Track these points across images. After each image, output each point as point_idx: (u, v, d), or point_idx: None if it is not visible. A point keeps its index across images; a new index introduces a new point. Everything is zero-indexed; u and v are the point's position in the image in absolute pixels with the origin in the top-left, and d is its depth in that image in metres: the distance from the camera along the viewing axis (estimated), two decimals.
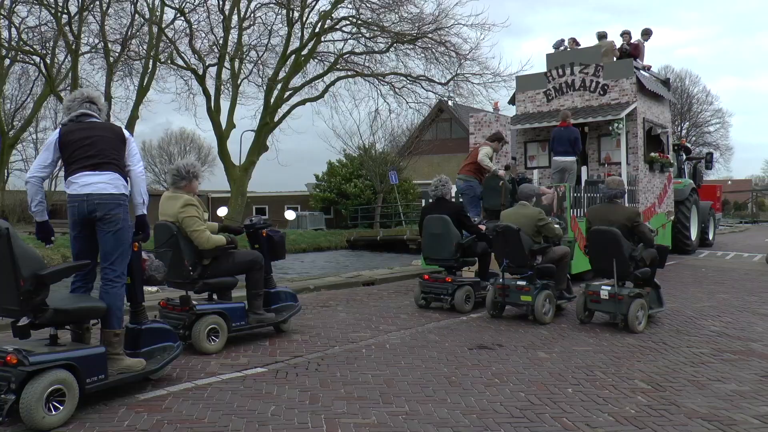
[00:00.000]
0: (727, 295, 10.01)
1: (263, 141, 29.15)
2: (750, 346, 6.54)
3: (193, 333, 5.94)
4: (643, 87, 14.23)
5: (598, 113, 13.73)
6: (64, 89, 28.98)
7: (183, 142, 70.89)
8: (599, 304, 7.40)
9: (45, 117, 47.21)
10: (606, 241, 7.22)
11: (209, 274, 6.16)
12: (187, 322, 5.97)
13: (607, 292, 7.24)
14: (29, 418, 3.92)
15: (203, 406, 4.50)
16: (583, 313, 7.63)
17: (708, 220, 18.76)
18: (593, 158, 14.67)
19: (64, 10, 26.11)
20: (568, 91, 14.66)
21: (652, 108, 14.96)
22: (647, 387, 5.09)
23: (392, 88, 28.93)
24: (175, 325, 5.95)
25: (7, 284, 4.12)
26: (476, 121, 13.74)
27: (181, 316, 6.03)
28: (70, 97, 5.05)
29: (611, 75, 14.09)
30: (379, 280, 11.96)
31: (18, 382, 3.94)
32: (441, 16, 26.93)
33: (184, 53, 28.73)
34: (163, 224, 6.08)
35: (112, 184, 4.69)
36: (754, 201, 57.08)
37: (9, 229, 4.06)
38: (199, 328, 5.94)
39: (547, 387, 5.06)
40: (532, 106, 15.12)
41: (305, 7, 28.42)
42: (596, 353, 6.19)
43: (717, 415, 4.42)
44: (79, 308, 4.58)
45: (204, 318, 6.00)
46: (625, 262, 7.12)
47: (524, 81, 15.56)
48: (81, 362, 4.27)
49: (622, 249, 7.12)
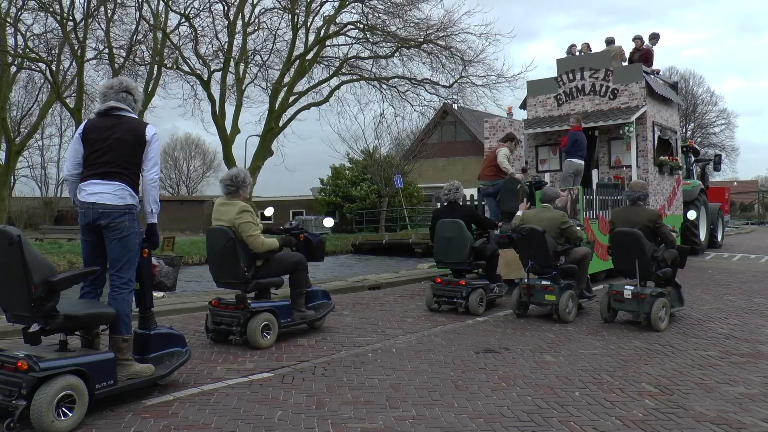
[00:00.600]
0: (734, 297, 9.97)
1: (268, 146, 29.21)
2: (758, 349, 6.51)
3: (249, 329, 6.37)
4: (653, 91, 14.38)
5: (608, 117, 13.91)
6: (69, 96, 29.09)
7: (188, 147, 71.10)
8: (622, 303, 7.62)
9: (51, 124, 47.50)
10: (629, 242, 7.44)
11: (261, 274, 6.62)
12: (242, 320, 6.39)
13: (630, 291, 7.47)
14: (40, 424, 3.93)
15: (210, 411, 4.50)
16: (607, 312, 7.84)
17: (717, 222, 18.93)
18: (603, 161, 14.81)
19: (69, 17, 26.21)
20: (578, 95, 14.88)
21: (661, 111, 15.16)
22: (655, 390, 5.07)
23: (397, 91, 28.97)
24: (229, 322, 6.49)
25: (19, 291, 4.15)
26: (491, 125, 13.87)
27: (235, 314, 6.44)
28: (107, 84, 5.03)
29: (621, 79, 14.30)
30: (385, 284, 11.96)
31: (29, 387, 3.95)
32: (448, 24, 26.98)
33: (188, 58, 28.84)
34: (218, 228, 6.49)
35: (117, 195, 4.70)
36: (761, 202, 56.88)
37: (20, 236, 4.08)
38: (254, 324, 6.37)
39: (554, 390, 5.04)
40: (543, 110, 15.35)
41: (310, 12, 28.51)
42: (603, 356, 6.17)
43: (726, 419, 4.40)
44: (89, 314, 4.58)
45: (258, 315, 6.44)
46: (647, 262, 7.36)
47: (535, 86, 15.74)
48: (91, 368, 4.28)
49: (644, 250, 7.35)
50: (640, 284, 7.46)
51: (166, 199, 56.86)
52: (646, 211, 7.85)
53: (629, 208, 7.94)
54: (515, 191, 10.47)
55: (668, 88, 16.19)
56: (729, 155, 56.06)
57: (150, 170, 4.87)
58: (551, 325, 7.77)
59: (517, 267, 9.28)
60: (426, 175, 37.81)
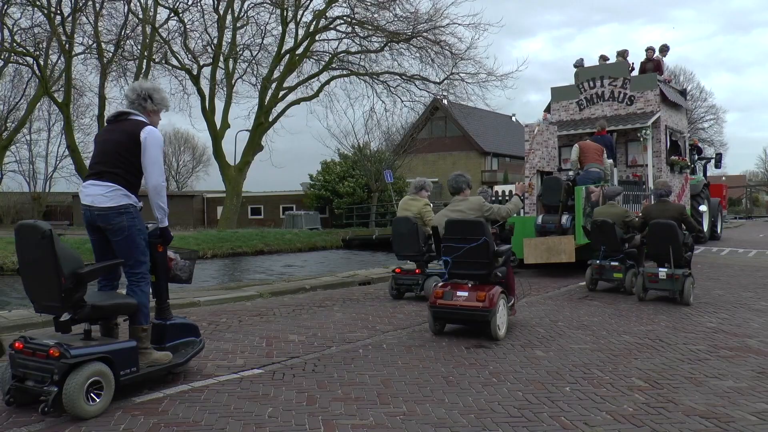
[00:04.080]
0: (722, 292, 10.03)
1: (258, 140, 29.11)
2: (746, 343, 6.55)
3: (425, 288, 9.06)
4: (666, 98, 16.05)
5: (627, 122, 15.67)
6: (57, 90, 28.85)
7: (177, 142, 70.75)
8: (656, 283, 9.01)
9: (39, 118, 47.16)
10: (664, 231, 8.83)
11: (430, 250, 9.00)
12: (420, 281, 9.26)
13: (664, 273, 8.89)
14: (72, 407, 4.15)
15: (200, 408, 4.48)
16: (642, 292, 9.17)
17: (717, 216, 20.74)
18: (621, 161, 16.36)
19: (57, 11, 25.99)
20: (598, 101, 16.52)
21: (672, 116, 16.92)
22: (645, 385, 5.09)
23: (387, 87, 28.91)
24: (409, 284, 9.43)
25: (49, 282, 4.34)
26: (530, 130, 14.95)
27: (415, 278, 9.35)
28: (130, 89, 5.13)
29: (637, 87, 15.95)
30: (376, 279, 11.96)
31: (60, 374, 4.17)
32: (436, 15, 26.94)
33: (178, 53, 28.68)
34: (404, 218, 9.25)
35: (108, 196, 4.73)
36: (749, 196, 57.27)
37: (51, 230, 4.29)
38: (429, 284, 8.89)
39: (545, 386, 5.05)
40: (565, 114, 17.06)
41: (299, 7, 28.38)
42: (593, 351, 6.19)
43: (715, 413, 4.42)
44: (113, 304, 4.81)
45: (432, 277, 9.01)
46: (680, 248, 8.81)
47: (558, 92, 17.41)
48: (116, 355, 4.48)
49: (678, 237, 8.78)
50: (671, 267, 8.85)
51: None
52: (674, 205, 9.51)
53: (659, 204, 9.36)
54: (557, 187, 12.30)
55: (678, 95, 17.89)
56: (717, 150, 56.44)
57: (150, 177, 4.85)
58: (541, 320, 7.80)
59: (557, 252, 11.43)
60: (416, 170, 37.78)
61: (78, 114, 38.96)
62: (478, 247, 6.54)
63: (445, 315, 6.81)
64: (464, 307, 6.58)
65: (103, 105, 27.50)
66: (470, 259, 6.61)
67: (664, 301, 9.08)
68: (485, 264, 6.60)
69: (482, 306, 6.46)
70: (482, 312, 6.47)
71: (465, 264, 6.68)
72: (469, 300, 6.55)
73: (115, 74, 29.03)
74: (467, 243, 6.58)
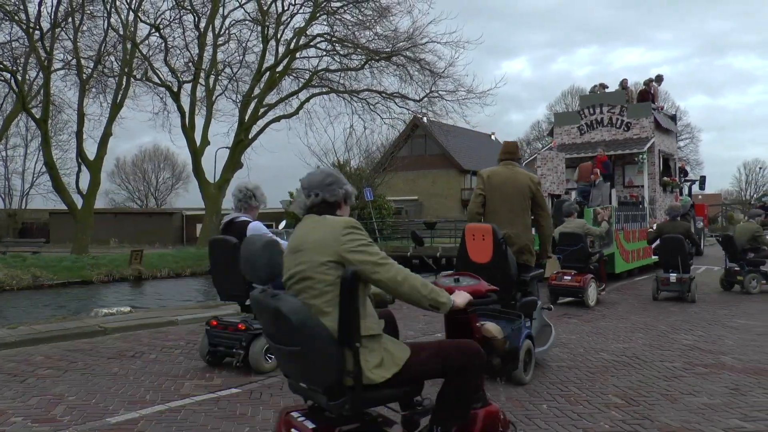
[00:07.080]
0: (698, 309, 10.17)
1: (238, 158, 29.04)
2: (721, 359, 6.64)
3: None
4: (659, 125, 17.85)
5: (625, 147, 17.59)
6: (35, 106, 28.58)
7: (157, 159, 70.36)
8: (668, 286, 11.18)
9: (15, 134, 46.59)
10: (675, 245, 11.01)
11: None
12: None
13: (675, 277, 11.08)
14: (255, 364, 5.90)
15: (176, 428, 4.44)
16: (657, 293, 11.33)
17: (700, 234, 22.15)
18: (618, 182, 18.05)
19: (36, 27, 25.79)
20: (597, 126, 18.31)
21: (665, 141, 18.75)
22: (621, 402, 5.13)
23: (366, 104, 29.03)
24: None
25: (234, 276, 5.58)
26: (542, 157, 16.69)
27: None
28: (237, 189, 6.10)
29: (633, 115, 17.77)
30: None
31: (247, 341, 5.91)
32: (415, 33, 27.17)
33: (158, 70, 28.58)
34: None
35: None
36: (724, 215, 58.00)
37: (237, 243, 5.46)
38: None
39: (522, 403, 5.07)
40: (567, 138, 18.83)
41: (280, 24, 28.49)
42: (570, 369, 6.23)
43: (689, 429, 4.47)
44: None
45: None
46: (686, 258, 11.01)
47: (561, 117, 19.49)
48: None
49: (685, 249, 10.99)
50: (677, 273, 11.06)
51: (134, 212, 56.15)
52: (682, 223, 11.55)
53: (672, 222, 11.44)
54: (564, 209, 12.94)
55: (670, 121, 19.88)
56: (693, 169, 57.24)
57: None
58: None
59: None
60: (396, 188, 37.89)
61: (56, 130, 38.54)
62: (578, 250, 10.71)
63: (558, 290, 10.67)
64: (569, 285, 10.49)
65: (82, 121, 27.27)
66: (573, 257, 10.71)
67: (642, 319, 9.19)
68: (582, 260, 10.73)
69: (579, 285, 10.39)
70: (579, 289, 10.38)
71: (570, 259, 10.73)
72: (573, 282, 10.49)
73: (94, 90, 28.86)
74: (571, 246, 10.70)
